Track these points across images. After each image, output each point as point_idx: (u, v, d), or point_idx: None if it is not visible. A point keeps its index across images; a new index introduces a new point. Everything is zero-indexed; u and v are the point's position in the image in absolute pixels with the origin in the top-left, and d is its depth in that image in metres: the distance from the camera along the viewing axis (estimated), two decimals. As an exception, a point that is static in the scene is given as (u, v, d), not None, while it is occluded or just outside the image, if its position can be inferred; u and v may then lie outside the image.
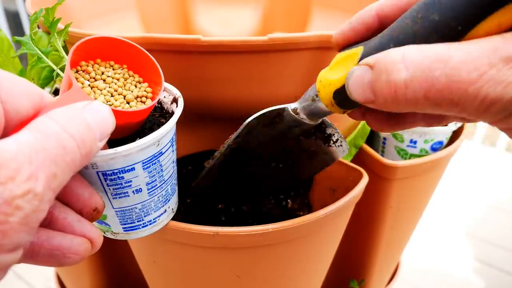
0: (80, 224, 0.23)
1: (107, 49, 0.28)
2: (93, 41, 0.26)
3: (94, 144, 0.20)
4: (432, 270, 1.03)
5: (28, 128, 0.18)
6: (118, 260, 0.60)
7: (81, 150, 0.19)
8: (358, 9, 0.24)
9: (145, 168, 0.27)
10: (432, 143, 0.48)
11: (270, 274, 0.38)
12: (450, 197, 1.26)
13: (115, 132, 0.25)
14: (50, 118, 0.18)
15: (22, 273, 1.00)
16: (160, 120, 0.30)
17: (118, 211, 0.28)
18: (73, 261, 0.22)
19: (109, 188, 0.27)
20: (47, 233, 0.21)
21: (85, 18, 0.53)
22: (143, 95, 0.28)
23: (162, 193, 0.30)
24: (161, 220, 0.31)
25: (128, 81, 0.28)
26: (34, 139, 0.17)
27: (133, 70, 0.29)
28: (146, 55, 0.28)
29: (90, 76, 0.27)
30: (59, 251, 0.21)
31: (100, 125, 0.21)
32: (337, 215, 0.37)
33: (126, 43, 0.27)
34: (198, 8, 0.68)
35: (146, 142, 0.25)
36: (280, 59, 0.36)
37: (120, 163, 0.25)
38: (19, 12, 1.69)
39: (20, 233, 0.16)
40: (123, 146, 0.24)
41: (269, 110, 0.30)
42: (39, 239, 0.21)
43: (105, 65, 0.28)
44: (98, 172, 0.25)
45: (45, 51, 0.31)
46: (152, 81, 0.29)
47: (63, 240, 0.22)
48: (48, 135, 0.18)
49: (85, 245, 0.22)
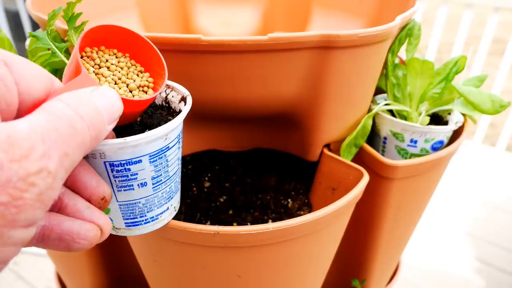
0: (90, 211, 0.23)
1: (111, 38, 0.28)
2: (99, 29, 0.26)
3: (103, 126, 0.21)
4: (432, 270, 1.03)
5: (40, 110, 0.18)
6: (118, 259, 0.60)
7: (91, 132, 0.19)
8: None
9: (151, 162, 0.27)
10: (432, 142, 0.48)
11: (271, 273, 0.38)
12: (450, 197, 1.26)
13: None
14: (60, 101, 0.19)
15: (23, 273, 1.00)
16: (168, 118, 0.30)
17: (122, 205, 0.29)
18: (82, 246, 0.22)
19: (115, 179, 0.27)
20: (58, 217, 0.22)
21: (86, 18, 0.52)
22: (145, 84, 0.28)
23: (166, 189, 0.30)
24: (163, 218, 0.32)
25: (131, 70, 0.28)
26: (45, 120, 0.18)
27: (135, 60, 0.29)
28: (150, 45, 0.28)
29: (95, 62, 0.27)
30: (69, 235, 0.22)
31: (108, 108, 0.21)
32: (337, 215, 0.37)
33: (130, 32, 0.28)
34: (198, 8, 0.68)
35: (154, 134, 0.26)
36: (280, 59, 0.36)
37: (128, 154, 0.26)
38: (19, 12, 1.69)
39: (35, 209, 0.17)
40: (132, 136, 0.25)
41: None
42: (50, 223, 0.21)
43: (109, 52, 0.28)
44: (106, 162, 0.26)
45: (59, 46, 0.31)
46: (154, 72, 0.29)
47: (73, 225, 0.22)
48: (59, 116, 0.18)
49: (94, 231, 0.23)
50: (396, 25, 0.38)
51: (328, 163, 0.46)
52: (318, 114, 0.41)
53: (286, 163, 0.55)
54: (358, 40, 0.36)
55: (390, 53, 0.46)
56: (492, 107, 0.45)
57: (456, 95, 0.48)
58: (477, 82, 0.51)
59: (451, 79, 0.47)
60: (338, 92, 0.40)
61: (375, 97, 0.53)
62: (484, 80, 0.51)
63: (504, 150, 1.52)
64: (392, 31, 0.38)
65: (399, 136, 0.49)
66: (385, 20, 0.44)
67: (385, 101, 0.50)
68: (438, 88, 0.48)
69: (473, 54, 1.67)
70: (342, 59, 0.37)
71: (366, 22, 0.56)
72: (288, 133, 0.46)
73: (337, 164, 0.44)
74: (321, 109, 0.41)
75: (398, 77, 0.49)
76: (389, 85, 0.49)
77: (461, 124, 0.50)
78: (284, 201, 0.52)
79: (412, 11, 0.43)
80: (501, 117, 1.80)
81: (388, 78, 0.49)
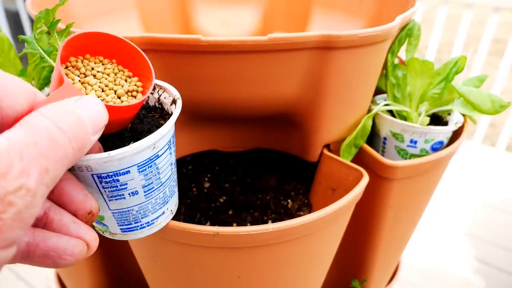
0: (76, 226, 0.23)
1: (96, 45, 0.27)
2: (82, 36, 0.26)
3: (86, 138, 0.20)
4: (432, 270, 1.03)
5: (19, 124, 0.18)
6: (118, 260, 0.60)
7: (73, 144, 0.19)
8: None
9: (140, 171, 0.26)
10: (432, 143, 0.48)
11: (271, 274, 0.38)
12: (450, 197, 1.26)
13: (107, 127, 0.25)
14: (40, 113, 0.18)
15: (23, 274, 1.00)
16: (160, 121, 0.30)
17: (115, 213, 0.28)
18: (68, 262, 0.22)
19: (105, 190, 0.26)
20: (43, 233, 0.21)
21: (85, 19, 0.53)
22: (134, 89, 0.28)
23: (159, 195, 0.29)
24: (159, 222, 0.31)
25: (118, 76, 0.28)
26: (24, 134, 0.17)
27: (123, 65, 0.28)
28: (135, 49, 0.28)
29: (80, 72, 0.26)
30: (55, 252, 0.21)
31: (93, 118, 0.21)
32: (337, 215, 0.37)
33: (114, 37, 0.27)
34: (198, 8, 0.68)
35: (140, 146, 0.25)
36: (280, 59, 0.36)
37: (114, 166, 0.25)
38: (19, 12, 1.69)
39: (14, 229, 0.16)
40: (117, 150, 0.24)
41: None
42: (34, 239, 0.21)
43: (94, 60, 0.27)
44: (93, 175, 0.25)
45: (47, 50, 0.31)
46: (142, 75, 0.28)
47: (59, 241, 0.21)
48: (39, 130, 0.17)
49: (80, 247, 0.22)
50: (396, 25, 0.38)
51: (328, 163, 0.46)
52: (318, 114, 0.41)
53: (286, 163, 0.55)
54: (358, 40, 0.36)
55: (390, 53, 0.46)
56: (492, 107, 0.45)
57: (456, 95, 0.48)
58: (477, 82, 0.51)
59: (451, 79, 0.47)
60: (338, 93, 0.40)
61: (375, 98, 0.53)
62: (484, 80, 0.51)
63: (504, 150, 1.52)
64: (392, 31, 0.38)
65: (398, 137, 0.49)
66: (385, 20, 0.44)
67: (385, 101, 0.50)
68: (438, 88, 0.48)
69: (473, 54, 1.67)
70: (342, 59, 0.37)
71: (366, 22, 0.56)
72: (288, 133, 0.46)
73: (337, 165, 0.44)
74: (321, 109, 0.41)
75: (398, 77, 0.49)
76: (389, 85, 0.49)
77: (461, 124, 0.50)
78: (284, 201, 0.52)
79: (412, 11, 0.43)
80: (501, 117, 1.80)
81: (388, 78, 0.49)
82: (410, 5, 0.46)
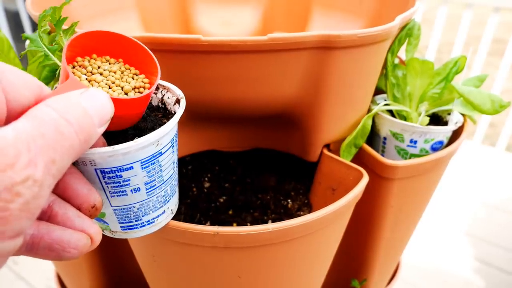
0: (80, 220, 0.23)
1: (102, 44, 0.27)
2: (88, 35, 0.26)
3: (92, 129, 0.20)
4: (432, 270, 1.03)
5: (26, 115, 0.18)
6: (118, 259, 0.60)
7: (80, 136, 0.19)
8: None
9: (143, 168, 0.27)
10: (432, 142, 0.48)
11: (271, 274, 0.38)
12: (450, 197, 1.26)
13: (115, 124, 0.25)
14: (46, 105, 0.19)
15: (23, 273, 1.00)
16: (163, 120, 0.30)
17: (116, 209, 0.29)
18: (72, 255, 0.22)
19: (107, 186, 0.27)
20: (47, 226, 0.22)
21: (85, 19, 0.53)
22: (141, 85, 0.28)
23: (161, 193, 0.30)
24: (159, 221, 0.31)
25: (125, 74, 0.28)
26: (31, 126, 0.17)
27: (129, 63, 0.29)
28: (140, 46, 0.28)
29: (87, 70, 0.27)
30: (59, 245, 0.21)
31: (98, 110, 0.21)
32: (337, 215, 0.37)
33: (119, 35, 0.27)
34: (198, 8, 0.68)
35: (145, 141, 0.25)
36: (280, 59, 0.36)
37: (118, 161, 0.25)
38: (19, 12, 1.69)
39: (21, 219, 0.16)
40: (122, 144, 0.24)
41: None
42: (39, 231, 0.21)
43: (101, 59, 0.28)
44: (97, 169, 0.25)
45: (51, 48, 0.31)
46: (148, 72, 0.29)
47: (63, 234, 0.22)
48: (46, 122, 0.18)
49: (84, 240, 0.22)
50: (396, 25, 0.38)
51: (328, 163, 0.46)
52: (318, 114, 0.41)
53: (286, 163, 0.55)
54: (358, 40, 0.36)
55: (390, 53, 0.46)
56: (492, 107, 0.45)
57: (456, 95, 0.48)
58: (477, 82, 0.51)
59: (451, 79, 0.47)
60: (338, 92, 0.40)
61: (375, 97, 0.53)
62: (484, 80, 0.51)
63: (504, 150, 1.52)
64: (392, 31, 0.38)
65: (398, 136, 0.49)
66: (385, 20, 0.44)
67: (384, 101, 0.50)
68: (438, 88, 0.48)
69: (473, 54, 1.67)
70: (342, 59, 0.37)
71: (366, 22, 0.56)
72: (287, 133, 0.46)
73: (337, 165, 0.44)
74: (321, 109, 0.41)
75: (398, 77, 0.49)
76: (388, 85, 0.49)
77: (461, 124, 0.50)
78: (284, 201, 0.52)
79: (412, 11, 0.43)
80: (501, 117, 1.80)
81: (388, 78, 0.49)
82: (410, 5, 0.46)
